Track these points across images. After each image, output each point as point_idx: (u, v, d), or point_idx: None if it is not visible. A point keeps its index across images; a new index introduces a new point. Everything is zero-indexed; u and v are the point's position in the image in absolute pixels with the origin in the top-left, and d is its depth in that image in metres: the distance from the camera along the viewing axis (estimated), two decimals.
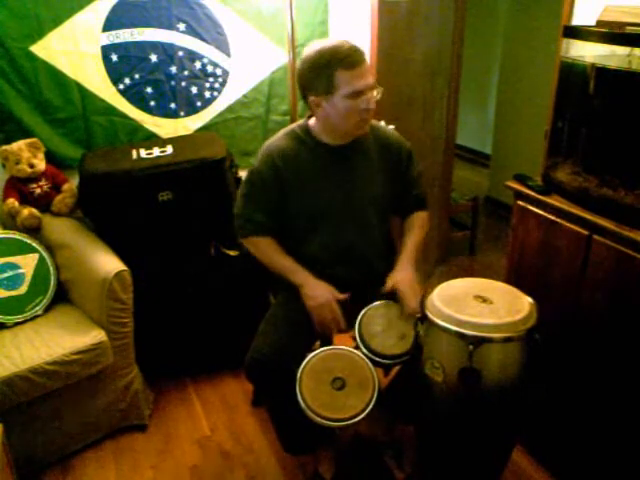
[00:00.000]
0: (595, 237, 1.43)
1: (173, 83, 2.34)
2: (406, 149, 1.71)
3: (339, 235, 1.64)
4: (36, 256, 2.00)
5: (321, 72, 1.47)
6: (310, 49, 1.50)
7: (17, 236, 1.99)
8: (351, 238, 1.65)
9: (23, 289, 1.94)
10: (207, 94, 2.43)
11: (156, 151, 2.11)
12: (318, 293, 1.57)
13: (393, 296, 1.59)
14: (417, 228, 1.74)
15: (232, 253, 2.19)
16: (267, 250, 1.66)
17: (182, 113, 2.41)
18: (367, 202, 1.65)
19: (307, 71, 1.50)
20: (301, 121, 1.66)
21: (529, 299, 1.37)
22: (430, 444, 1.63)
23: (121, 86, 2.25)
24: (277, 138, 1.65)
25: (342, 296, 1.59)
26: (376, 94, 1.52)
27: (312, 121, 1.62)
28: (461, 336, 1.26)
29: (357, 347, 1.53)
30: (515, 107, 3.74)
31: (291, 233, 1.66)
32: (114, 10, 2.15)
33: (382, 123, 1.73)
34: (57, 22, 2.08)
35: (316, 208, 1.61)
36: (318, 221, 1.63)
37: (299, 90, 1.58)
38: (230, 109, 2.50)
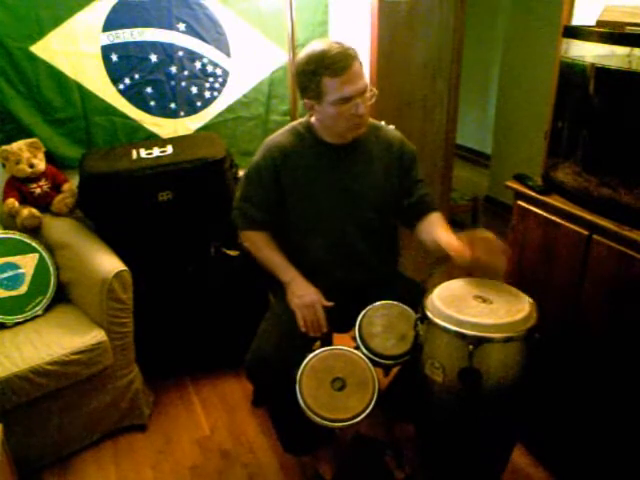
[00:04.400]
0: (595, 237, 1.43)
1: (173, 83, 2.34)
2: (410, 151, 1.68)
3: (339, 236, 1.63)
4: (36, 256, 2.00)
5: (309, 78, 1.46)
6: (302, 52, 1.50)
7: (17, 236, 1.99)
8: (352, 240, 1.64)
9: (23, 289, 1.94)
10: (207, 94, 2.43)
11: (156, 151, 2.11)
12: (305, 292, 1.57)
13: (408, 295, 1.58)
14: (441, 223, 1.60)
15: (232, 253, 2.19)
16: (259, 244, 1.67)
17: (182, 113, 2.41)
18: (367, 203, 1.63)
19: (298, 75, 1.51)
20: (304, 118, 1.65)
21: (529, 299, 1.37)
22: (430, 444, 1.63)
23: (121, 86, 2.25)
24: (279, 134, 1.65)
25: (327, 303, 1.58)
26: (369, 97, 1.50)
27: (314, 118, 1.61)
28: (461, 336, 1.26)
29: (357, 347, 1.53)
30: (515, 107, 3.74)
31: (292, 233, 1.66)
32: (114, 10, 2.15)
33: (382, 123, 1.72)
34: (57, 22, 2.08)
35: (315, 207, 1.61)
36: (318, 221, 1.62)
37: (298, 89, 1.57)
38: (230, 109, 2.50)
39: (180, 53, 2.31)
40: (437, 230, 1.56)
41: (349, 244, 1.65)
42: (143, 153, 2.10)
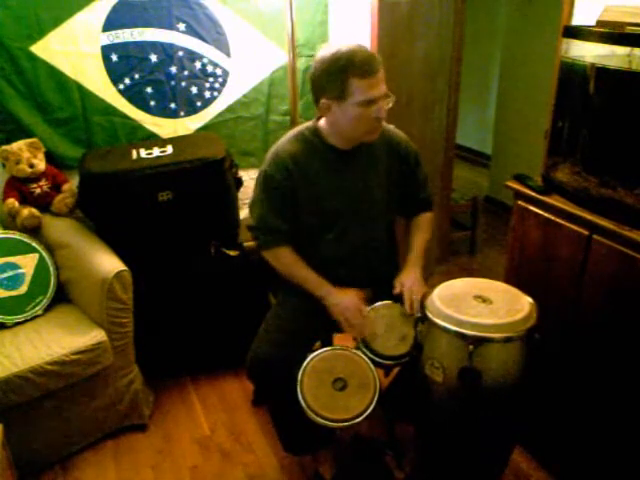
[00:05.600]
0: (595, 237, 1.43)
1: (173, 83, 2.34)
2: (413, 152, 1.70)
3: (346, 238, 1.63)
4: (36, 256, 2.00)
5: (335, 77, 1.43)
6: (326, 51, 1.46)
7: (17, 236, 1.99)
8: (357, 241, 1.64)
9: (23, 289, 1.94)
10: (207, 94, 2.43)
11: (156, 151, 2.11)
12: (342, 298, 1.56)
13: (401, 298, 1.58)
14: (424, 229, 1.75)
15: (232, 253, 2.19)
16: (288, 261, 1.62)
17: (182, 113, 2.41)
18: (374, 205, 1.64)
19: (321, 73, 1.46)
20: (309, 123, 1.62)
21: (529, 299, 1.37)
22: (430, 444, 1.63)
23: (121, 86, 2.25)
24: (286, 141, 1.60)
25: (364, 294, 1.59)
26: (389, 103, 1.49)
27: (322, 122, 1.59)
28: (461, 336, 1.26)
29: (358, 348, 1.53)
30: (515, 107, 3.74)
31: (299, 235, 1.65)
32: (114, 10, 2.15)
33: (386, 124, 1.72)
34: (57, 22, 2.08)
35: (324, 211, 1.60)
36: (326, 224, 1.62)
37: (311, 90, 1.53)
38: (230, 109, 2.50)
39: (180, 53, 2.31)
40: (413, 241, 1.73)
41: (354, 245, 1.65)
42: (143, 153, 2.10)
